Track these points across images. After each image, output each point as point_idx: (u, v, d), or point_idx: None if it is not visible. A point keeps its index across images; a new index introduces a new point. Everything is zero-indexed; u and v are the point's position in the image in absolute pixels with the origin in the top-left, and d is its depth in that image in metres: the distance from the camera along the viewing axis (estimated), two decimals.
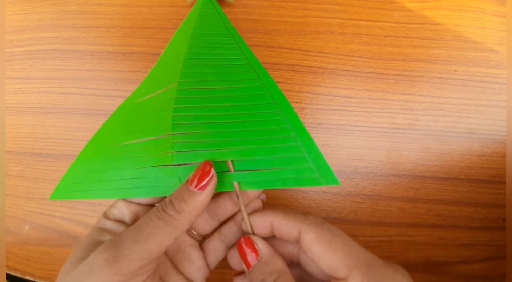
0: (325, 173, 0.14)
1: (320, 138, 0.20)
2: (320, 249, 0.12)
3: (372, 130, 0.20)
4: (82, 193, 0.16)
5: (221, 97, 0.16)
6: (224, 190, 0.15)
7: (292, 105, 0.20)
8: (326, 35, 0.21)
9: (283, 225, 0.14)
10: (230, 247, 0.16)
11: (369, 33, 0.20)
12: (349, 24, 0.21)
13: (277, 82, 0.21)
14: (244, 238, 0.14)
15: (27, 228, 0.22)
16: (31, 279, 0.22)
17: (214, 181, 0.14)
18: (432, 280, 0.20)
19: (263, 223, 0.14)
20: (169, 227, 0.13)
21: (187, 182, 0.14)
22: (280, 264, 0.13)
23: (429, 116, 0.20)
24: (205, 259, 0.16)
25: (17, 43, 0.23)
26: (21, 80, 0.22)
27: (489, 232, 0.20)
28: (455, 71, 0.20)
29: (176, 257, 0.16)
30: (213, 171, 0.14)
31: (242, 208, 0.15)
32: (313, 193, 0.20)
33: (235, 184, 0.15)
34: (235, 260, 0.15)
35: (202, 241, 0.17)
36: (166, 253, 0.16)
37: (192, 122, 0.15)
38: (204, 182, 0.13)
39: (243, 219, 0.15)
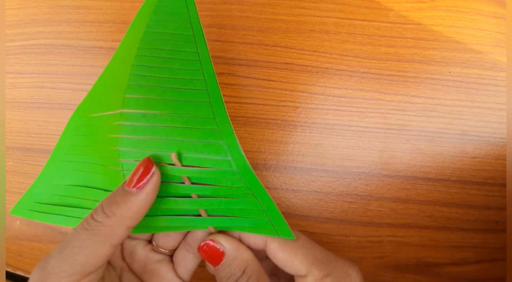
0: (281, 228, 0.14)
1: (313, 137, 0.20)
2: (283, 255, 0.14)
3: (365, 130, 0.20)
4: (41, 215, 0.15)
5: (170, 143, 0.14)
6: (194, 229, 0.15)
7: (286, 104, 0.20)
8: (321, 34, 0.21)
9: (250, 236, 0.15)
10: (199, 258, 0.16)
11: (364, 33, 0.20)
12: (344, 23, 0.21)
13: (271, 80, 0.20)
14: (207, 240, 0.14)
15: (18, 223, 0.22)
16: (22, 274, 0.22)
17: (155, 180, 0.13)
18: (422, 281, 0.20)
19: (231, 234, 0.15)
20: (97, 237, 0.12)
21: (124, 183, 0.13)
22: (246, 255, 0.14)
23: (423, 117, 0.20)
24: (176, 271, 0.16)
25: (12, 38, 0.23)
26: (14, 74, 0.22)
27: (481, 234, 0.20)
28: (450, 72, 0.20)
29: (143, 275, 0.15)
30: (154, 169, 0.13)
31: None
32: (305, 192, 0.20)
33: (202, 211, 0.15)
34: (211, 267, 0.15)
35: (172, 253, 0.16)
36: (134, 272, 0.16)
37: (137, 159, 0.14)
38: (144, 181, 0.12)
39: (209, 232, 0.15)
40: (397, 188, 0.20)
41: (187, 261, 0.16)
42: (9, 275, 0.22)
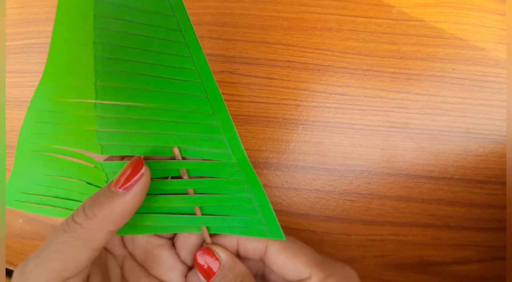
0: (272, 227, 0.14)
1: (314, 136, 0.20)
2: (285, 257, 0.13)
3: (368, 128, 0.20)
4: (31, 206, 0.14)
5: (164, 137, 0.13)
6: (186, 232, 0.15)
7: (287, 102, 0.20)
8: (323, 32, 0.20)
9: (249, 240, 0.14)
10: (201, 240, 0.16)
11: (367, 30, 0.20)
12: (346, 20, 0.20)
13: (273, 78, 0.20)
14: (202, 250, 0.14)
15: (20, 221, 0.22)
16: None
17: (144, 181, 0.12)
18: (425, 280, 0.20)
19: (229, 241, 0.15)
20: (76, 240, 0.11)
21: (111, 182, 0.12)
22: (242, 268, 0.14)
23: (426, 115, 0.20)
24: (178, 255, 0.15)
25: (13, 37, 0.23)
26: (15, 74, 0.22)
27: (484, 233, 0.20)
28: (453, 69, 0.20)
29: (145, 262, 0.15)
30: (144, 170, 0.12)
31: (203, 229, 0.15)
32: (306, 191, 0.20)
33: (197, 209, 0.14)
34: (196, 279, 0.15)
35: (173, 236, 0.16)
36: (136, 259, 0.15)
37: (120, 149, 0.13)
38: (131, 182, 0.11)
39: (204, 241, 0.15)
40: (400, 187, 0.20)
41: (190, 242, 0.15)
42: (11, 273, 0.23)
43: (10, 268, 0.22)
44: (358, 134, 0.20)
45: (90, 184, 0.14)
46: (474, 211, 0.20)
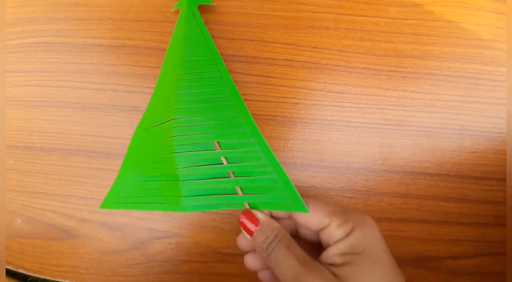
0: (296, 202, 0.17)
1: (312, 134, 0.20)
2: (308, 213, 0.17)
3: (365, 126, 0.20)
4: (119, 205, 0.20)
5: (211, 135, 0.19)
6: (229, 208, 0.18)
7: (285, 100, 0.20)
8: (320, 30, 0.21)
9: None
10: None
11: (364, 28, 0.20)
12: (343, 19, 0.21)
13: (271, 77, 0.21)
14: (243, 213, 0.17)
15: (19, 221, 0.22)
16: (24, 272, 0.22)
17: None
18: (421, 275, 0.20)
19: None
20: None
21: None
22: (277, 224, 0.17)
23: (422, 112, 0.20)
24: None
25: (11, 36, 0.22)
26: (13, 73, 0.22)
27: (479, 228, 0.20)
28: (449, 67, 0.20)
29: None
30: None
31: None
32: (305, 188, 0.20)
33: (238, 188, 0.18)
34: (242, 242, 0.18)
35: None
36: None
37: (192, 165, 0.18)
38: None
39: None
40: (397, 183, 0.20)
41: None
42: (10, 273, 0.22)
43: (9, 267, 0.22)
44: (355, 132, 0.20)
45: (164, 179, 0.19)
46: (470, 207, 0.20)
